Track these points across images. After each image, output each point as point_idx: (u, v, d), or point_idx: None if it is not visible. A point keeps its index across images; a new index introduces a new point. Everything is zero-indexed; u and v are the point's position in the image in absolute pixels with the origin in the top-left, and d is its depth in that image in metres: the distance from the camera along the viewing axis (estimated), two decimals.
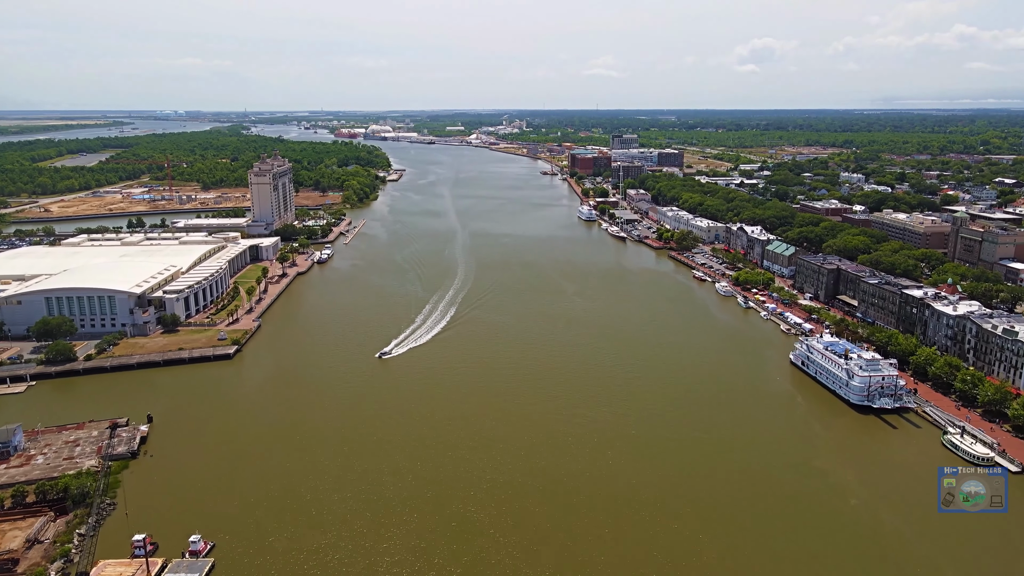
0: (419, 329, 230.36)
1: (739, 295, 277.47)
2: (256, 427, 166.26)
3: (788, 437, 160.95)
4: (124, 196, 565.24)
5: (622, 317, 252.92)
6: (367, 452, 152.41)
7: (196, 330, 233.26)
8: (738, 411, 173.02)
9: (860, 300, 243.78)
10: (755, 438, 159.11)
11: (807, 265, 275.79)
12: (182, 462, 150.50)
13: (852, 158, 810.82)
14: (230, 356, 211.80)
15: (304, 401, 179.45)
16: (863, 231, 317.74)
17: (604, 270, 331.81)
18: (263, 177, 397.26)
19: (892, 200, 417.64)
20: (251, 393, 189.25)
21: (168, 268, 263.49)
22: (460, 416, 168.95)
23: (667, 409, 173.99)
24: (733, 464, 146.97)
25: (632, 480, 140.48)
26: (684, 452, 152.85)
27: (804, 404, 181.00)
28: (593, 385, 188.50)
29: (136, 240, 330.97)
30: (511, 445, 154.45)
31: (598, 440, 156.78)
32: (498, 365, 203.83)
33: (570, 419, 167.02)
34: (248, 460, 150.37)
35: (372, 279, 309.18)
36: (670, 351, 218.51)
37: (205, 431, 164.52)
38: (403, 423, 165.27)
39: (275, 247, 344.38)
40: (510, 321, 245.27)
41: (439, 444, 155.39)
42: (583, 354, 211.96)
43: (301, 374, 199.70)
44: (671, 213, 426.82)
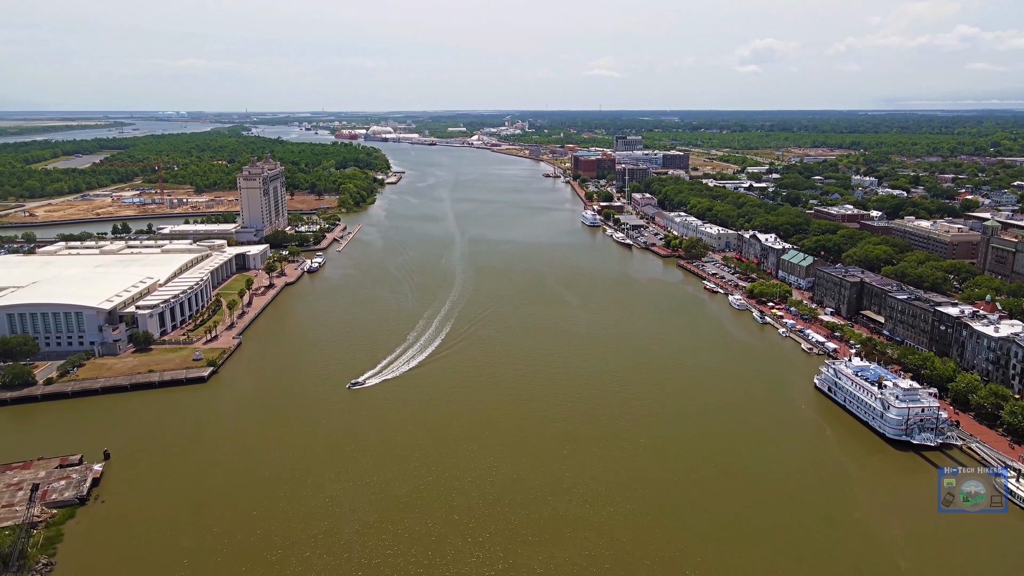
0: (408, 351, 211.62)
1: (754, 309, 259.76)
2: (225, 465, 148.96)
3: (819, 480, 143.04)
4: (114, 200, 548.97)
5: (629, 333, 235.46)
6: (347, 498, 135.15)
7: (170, 349, 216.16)
8: (761, 446, 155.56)
9: (887, 316, 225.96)
10: (783, 482, 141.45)
11: (827, 277, 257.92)
12: (137, 509, 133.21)
13: (861, 160, 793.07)
14: (204, 379, 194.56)
15: (281, 435, 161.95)
16: (884, 240, 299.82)
17: (609, 280, 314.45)
18: (253, 181, 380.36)
19: (910, 206, 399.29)
20: (223, 424, 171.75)
21: (144, 280, 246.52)
22: (453, 456, 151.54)
23: (682, 443, 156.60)
24: (761, 517, 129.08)
25: (642, 540, 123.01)
26: (705, 502, 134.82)
27: (834, 438, 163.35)
28: (599, 414, 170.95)
29: (116, 248, 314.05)
30: (507, 484, 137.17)
31: (607, 482, 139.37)
32: (495, 391, 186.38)
33: (572, 457, 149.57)
34: (212, 508, 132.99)
35: (364, 291, 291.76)
36: (682, 373, 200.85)
37: (167, 470, 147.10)
38: (388, 466, 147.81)
39: (263, 255, 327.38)
40: (509, 339, 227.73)
41: (428, 496, 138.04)
42: (588, 377, 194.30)
43: (279, 402, 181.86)
44: (679, 219, 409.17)
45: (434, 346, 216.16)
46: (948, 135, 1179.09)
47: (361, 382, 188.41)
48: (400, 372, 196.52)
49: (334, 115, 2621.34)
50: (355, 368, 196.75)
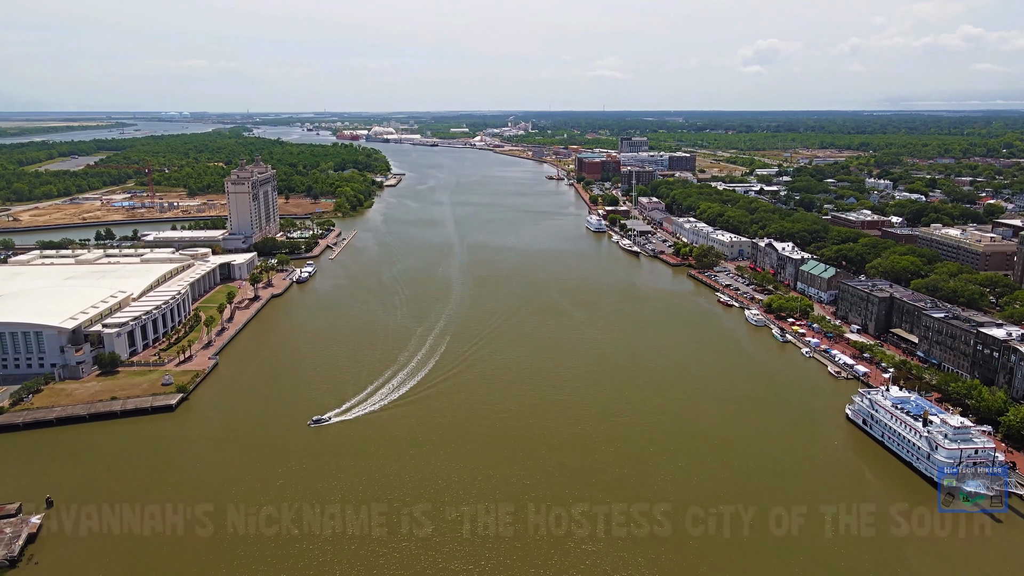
0: (395, 377, 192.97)
1: (773, 325, 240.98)
2: (184, 516, 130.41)
3: (865, 541, 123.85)
4: (104, 203, 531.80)
5: (640, 354, 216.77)
6: (319, 556, 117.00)
7: (139, 372, 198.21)
8: (793, 494, 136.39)
9: (921, 337, 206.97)
10: (824, 544, 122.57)
11: (853, 291, 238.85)
12: (75, 573, 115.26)
13: (872, 162, 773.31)
14: (172, 408, 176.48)
15: (250, 477, 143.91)
16: (911, 249, 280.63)
17: (617, 291, 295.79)
18: (241, 185, 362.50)
19: (932, 211, 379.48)
20: (187, 462, 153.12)
21: (116, 294, 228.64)
22: (443, 507, 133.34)
23: (707, 493, 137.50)
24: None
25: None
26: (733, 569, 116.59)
27: (875, 483, 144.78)
28: (607, 453, 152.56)
29: (94, 257, 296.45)
30: (501, 547, 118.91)
31: (618, 540, 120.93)
32: (491, 436, 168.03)
33: (582, 522, 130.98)
34: (164, 571, 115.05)
35: (355, 304, 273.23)
36: (701, 405, 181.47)
37: (116, 523, 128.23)
38: (368, 518, 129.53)
39: (251, 264, 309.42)
40: (508, 361, 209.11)
41: (412, 557, 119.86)
42: (596, 414, 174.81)
43: (250, 437, 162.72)
44: (688, 225, 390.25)
45: (423, 374, 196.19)
46: (958, 136, 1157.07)
47: (326, 418, 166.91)
48: (381, 405, 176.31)
49: (337, 116, 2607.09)
50: (333, 397, 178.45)
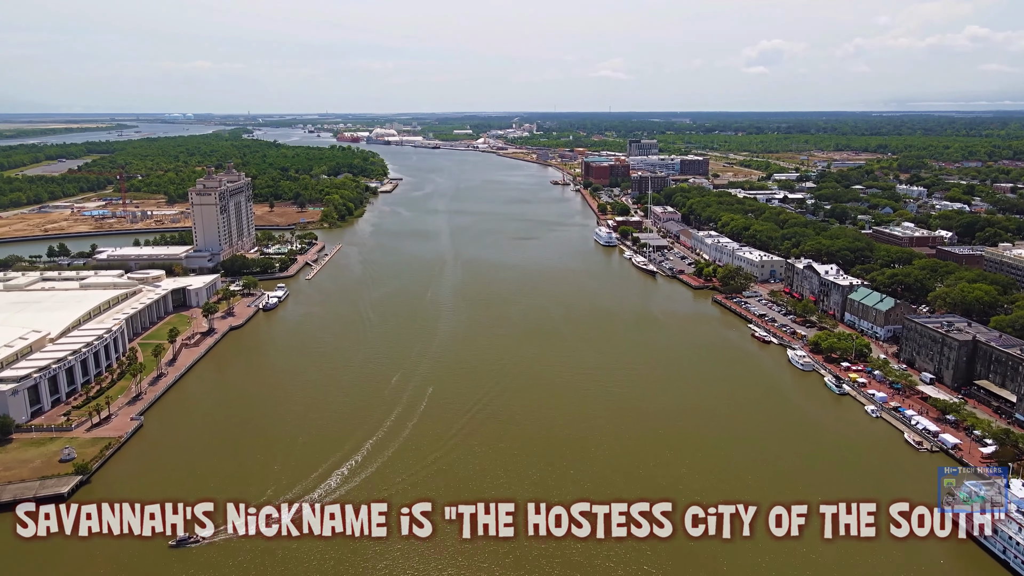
0: (339, 466, 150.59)
1: (824, 370, 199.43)
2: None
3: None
4: (74, 212, 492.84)
5: (665, 413, 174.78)
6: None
7: (36, 440, 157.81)
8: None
9: (1020, 395, 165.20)
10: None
11: (921, 330, 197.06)
12: None
13: (895, 165, 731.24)
14: (63, 497, 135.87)
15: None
16: (981, 275, 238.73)
17: (631, 321, 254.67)
18: (207, 196, 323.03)
19: (987, 225, 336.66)
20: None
21: (28, 335, 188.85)
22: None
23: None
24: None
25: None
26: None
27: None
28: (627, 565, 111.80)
29: (26, 282, 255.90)
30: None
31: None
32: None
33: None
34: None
35: (324, 340, 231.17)
36: (746, 486, 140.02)
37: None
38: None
39: (211, 289, 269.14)
40: (508, 427, 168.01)
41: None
42: (609, 491, 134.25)
43: (156, 551, 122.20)
44: (710, 240, 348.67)
45: (382, 460, 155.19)
46: (976, 137, 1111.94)
47: (195, 539, 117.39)
48: (297, 521, 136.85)
49: (340, 117, 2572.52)
50: (252, 487, 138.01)
